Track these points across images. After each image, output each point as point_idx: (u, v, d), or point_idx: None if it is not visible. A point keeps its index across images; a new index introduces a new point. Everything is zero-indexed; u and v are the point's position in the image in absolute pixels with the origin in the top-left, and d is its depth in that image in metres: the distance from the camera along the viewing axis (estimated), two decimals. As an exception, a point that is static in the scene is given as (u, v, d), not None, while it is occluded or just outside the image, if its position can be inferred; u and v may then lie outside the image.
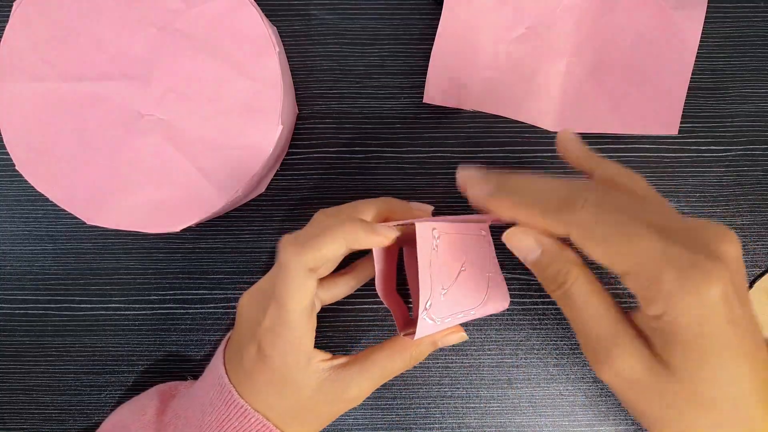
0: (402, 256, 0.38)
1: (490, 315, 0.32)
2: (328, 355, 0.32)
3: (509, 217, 0.27)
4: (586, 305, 0.25)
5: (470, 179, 0.28)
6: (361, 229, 0.29)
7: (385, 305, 0.33)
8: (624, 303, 0.31)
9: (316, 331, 0.41)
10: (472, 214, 0.32)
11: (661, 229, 0.23)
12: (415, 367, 0.41)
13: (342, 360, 0.32)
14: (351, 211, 0.32)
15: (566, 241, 0.26)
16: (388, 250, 0.34)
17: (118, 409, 0.37)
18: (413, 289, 0.36)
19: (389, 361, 0.32)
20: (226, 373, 0.32)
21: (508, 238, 0.27)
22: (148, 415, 0.34)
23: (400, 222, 0.32)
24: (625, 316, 0.25)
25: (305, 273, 0.29)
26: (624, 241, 0.23)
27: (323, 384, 0.31)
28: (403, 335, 0.33)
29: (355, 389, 0.32)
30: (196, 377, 0.37)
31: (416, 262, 0.29)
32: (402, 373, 0.41)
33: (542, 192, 0.26)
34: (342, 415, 0.41)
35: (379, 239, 0.30)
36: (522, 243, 0.26)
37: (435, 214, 0.41)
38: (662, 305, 0.23)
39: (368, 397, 0.41)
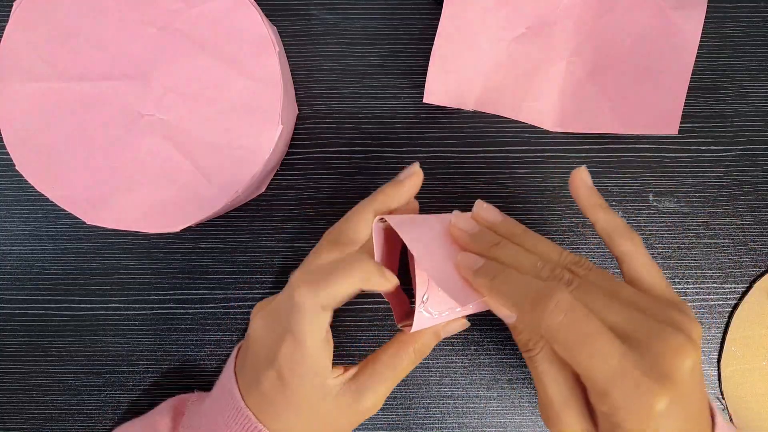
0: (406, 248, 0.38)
1: (490, 313, 0.32)
2: (341, 370, 0.32)
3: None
4: (546, 373, 0.28)
5: (464, 259, 0.31)
6: (375, 273, 0.30)
7: (384, 298, 0.33)
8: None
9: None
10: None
11: (623, 338, 0.26)
12: (415, 367, 0.42)
13: (352, 371, 0.32)
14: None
15: None
16: (388, 241, 0.34)
17: (127, 424, 0.36)
18: (413, 283, 0.36)
19: (395, 359, 0.32)
20: (242, 396, 0.32)
21: (489, 303, 0.30)
22: None
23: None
24: (581, 389, 0.28)
25: (320, 311, 0.29)
26: (583, 353, 0.26)
27: (339, 400, 0.31)
28: (401, 326, 0.33)
29: (369, 398, 0.31)
30: (196, 380, 0.37)
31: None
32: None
33: (519, 286, 0.28)
34: (342, 415, 0.41)
35: (389, 285, 0.31)
36: (500, 310, 0.29)
37: (433, 208, 0.41)
38: (609, 409, 0.25)
39: (368, 397, 0.41)
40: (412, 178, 0.34)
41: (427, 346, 0.33)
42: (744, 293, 0.42)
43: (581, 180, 0.32)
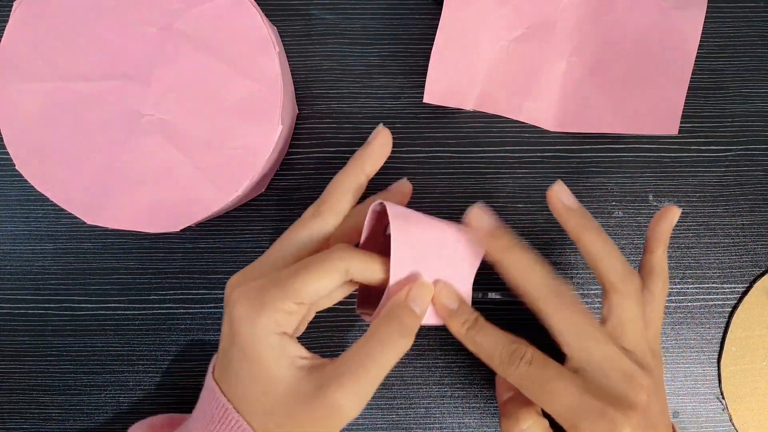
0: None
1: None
2: (310, 354, 0.29)
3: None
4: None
5: (441, 295, 0.32)
6: (357, 259, 0.29)
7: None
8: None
9: (313, 333, 0.41)
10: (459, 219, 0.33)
11: (583, 368, 0.29)
12: (415, 367, 0.42)
13: (326, 361, 0.29)
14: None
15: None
16: (377, 225, 0.33)
17: None
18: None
19: (371, 350, 0.28)
20: (213, 373, 0.31)
21: (437, 295, 0.31)
22: None
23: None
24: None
25: (277, 338, 0.28)
26: (546, 398, 0.29)
27: (300, 382, 0.28)
28: (360, 312, 0.32)
29: (339, 393, 0.27)
30: (196, 380, 0.37)
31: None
32: (402, 373, 0.41)
33: (491, 344, 0.31)
34: (342, 415, 0.41)
35: (378, 275, 0.30)
36: (447, 298, 0.31)
37: (433, 208, 0.41)
38: None
39: (368, 397, 0.41)
40: (379, 137, 0.34)
41: (407, 327, 0.29)
42: (744, 293, 0.42)
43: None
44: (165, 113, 0.35)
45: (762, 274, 0.42)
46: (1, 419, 0.41)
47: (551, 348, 0.30)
